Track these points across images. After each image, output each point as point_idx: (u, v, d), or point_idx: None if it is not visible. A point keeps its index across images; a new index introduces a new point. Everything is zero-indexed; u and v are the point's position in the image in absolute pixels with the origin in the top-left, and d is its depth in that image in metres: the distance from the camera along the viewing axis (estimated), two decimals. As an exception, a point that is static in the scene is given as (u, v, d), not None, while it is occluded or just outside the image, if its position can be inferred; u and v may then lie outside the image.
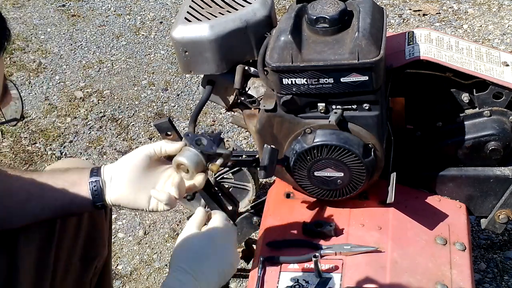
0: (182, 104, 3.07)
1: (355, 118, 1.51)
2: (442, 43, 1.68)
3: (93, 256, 1.46)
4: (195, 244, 1.19)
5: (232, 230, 1.24)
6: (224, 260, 1.18)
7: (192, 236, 1.20)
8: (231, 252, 1.20)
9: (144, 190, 1.30)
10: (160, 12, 3.78)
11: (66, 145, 2.90)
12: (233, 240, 1.23)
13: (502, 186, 1.66)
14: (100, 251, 1.48)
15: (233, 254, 1.20)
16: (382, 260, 1.50)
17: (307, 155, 1.52)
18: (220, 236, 1.20)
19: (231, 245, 1.21)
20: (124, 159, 1.33)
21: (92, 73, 3.35)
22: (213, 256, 1.17)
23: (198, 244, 1.19)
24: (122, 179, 1.30)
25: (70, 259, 1.40)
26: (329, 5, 1.50)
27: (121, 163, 1.32)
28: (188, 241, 1.20)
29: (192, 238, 1.20)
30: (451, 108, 1.67)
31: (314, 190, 1.59)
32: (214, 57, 1.66)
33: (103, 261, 1.52)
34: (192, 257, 1.16)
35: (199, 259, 1.16)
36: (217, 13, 1.70)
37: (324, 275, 1.46)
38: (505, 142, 1.63)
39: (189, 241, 1.20)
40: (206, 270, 1.15)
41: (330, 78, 1.45)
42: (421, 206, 1.67)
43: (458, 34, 3.23)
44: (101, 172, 1.32)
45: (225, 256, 1.19)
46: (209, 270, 1.15)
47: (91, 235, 1.45)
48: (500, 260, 2.16)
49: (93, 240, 1.45)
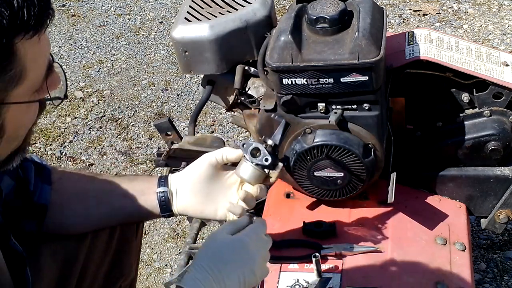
0: (182, 104, 3.07)
1: (355, 118, 1.51)
2: (442, 43, 1.67)
3: (118, 276, 1.45)
4: (223, 246, 1.17)
5: (266, 243, 1.22)
6: (247, 268, 1.16)
7: (223, 238, 1.19)
8: (257, 263, 1.18)
9: (211, 201, 1.32)
10: (160, 12, 3.78)
11: (66, 145, 2.90)
12: (263, 252, 1.20)
13: (502, 186, 1.66)
14: (126, 271, 1.48)
15: (259, 265, 1.18)
16: (382, 260, 1.50)
17: (307, 155, 1.52)
18: (251, 245, 1.18)
19: (259, 256, 1.18)
20: (189, 169, 1.34)
21: (92, 73, 3.35)
22: (237, 262, 1.15)
23: (226, 247, 1.17)
24: (188, 190, 1.33)
25: (97, 274, 1.40)
26: (329, 5, 1.50)
27: (186, 173, 1.34)
28: (217, 242, 1.19)
29: (222, 240, 1.18)
30: (451, 108, 1.67)
31: (314, 190, 1.59)
32: (214, 57, 1.67)
33: (130, 280, 1.51)
34: (216, 258, 1.15)
35: (222, 261, 1.15)
36: (217, 13, 1.70)
37: (324, 275, 1.46)
38: (505, 142, 1.63)
39: (218, 242, 1.19)
40: (226, 274, 1.13)
41: (330, 78, 1.45)
42: (421, 206, 1.66)
43: (458, 34, 3.23)
44: (168, 182, 1.34)
45: (250, 264, 1.16)
46: (229, 275, 1.14)
47: (120, 254, 1.45)
48: (500, 260, 2.16)
49: (120, 259, 1.45)
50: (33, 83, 0.94)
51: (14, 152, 1.01)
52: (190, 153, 1.69)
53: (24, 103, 0.94)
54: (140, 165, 2.74)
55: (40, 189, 1.30)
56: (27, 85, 0.92)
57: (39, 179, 1.31)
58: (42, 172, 1.32)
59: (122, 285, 1.48)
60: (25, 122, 0.99)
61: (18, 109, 0.94)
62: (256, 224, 1.23)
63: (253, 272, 1.16)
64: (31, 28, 0.88)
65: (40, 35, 0.90)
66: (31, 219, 1.30)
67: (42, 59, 0.94)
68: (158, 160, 1.77)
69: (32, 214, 1.29)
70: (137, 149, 2.84)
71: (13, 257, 1.15)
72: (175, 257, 2.34)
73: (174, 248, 2.38)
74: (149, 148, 2.83)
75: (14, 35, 0.86)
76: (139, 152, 2.82)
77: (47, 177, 1.32)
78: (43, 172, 1.32)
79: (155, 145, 2.84)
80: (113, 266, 1.44)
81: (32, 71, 0.92)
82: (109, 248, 1.42)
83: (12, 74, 0.89)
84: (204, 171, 1.32)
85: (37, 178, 1.30)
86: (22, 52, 0.88)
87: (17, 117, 0.95)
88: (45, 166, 1.34)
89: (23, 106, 0.94)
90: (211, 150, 1.63)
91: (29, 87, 0.93)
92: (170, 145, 1.74)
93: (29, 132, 1.02)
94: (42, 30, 0.90)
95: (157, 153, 1.79)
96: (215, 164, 1.32)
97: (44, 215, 1.30)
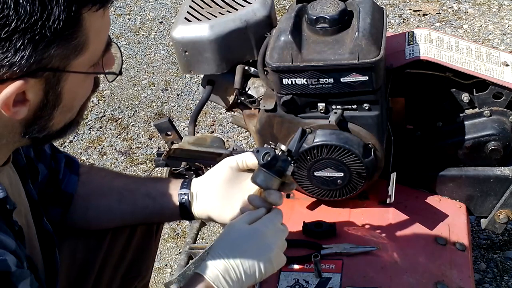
0: (182, 104, 3.07)
1: (355, 118, 1.51)
2: (442, 43, 1.68)
3: (134, 276, 1.47)
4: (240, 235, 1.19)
5: (282, 232, 1.23)
6: (265, 256, 1.18)
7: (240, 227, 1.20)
8: (274, 251, 1.19)
9: (229, 205, 1.32)
10: (160, 12, 3.78)
11: (66, 145, 2.90)
12: (280, 241, 1.21)
13: (502, 186, 1.66)
14: (141, 272, 1.49)
15: (276, 254, 1.19)
16: (382, 260, 1.50)
17: (307, 155, 1.52)
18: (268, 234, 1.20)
19: (276, 245, 1.20)
20: (211, 172, 1.36)
21: (92, 73, 3.35)
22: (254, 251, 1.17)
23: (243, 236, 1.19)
24: (208, 193, 1.34)
25: (115, 273, 1.42)
26: (329, 5, 1.50)
27: (207, 177, 1.35)
28: (235, 231, 1.20)
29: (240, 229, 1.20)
30: (451, 108, 1.67)
31: (314, 190, 1.59)
32: (214, 57, 1.67)
33: (145, 283, 1.53)
34: (234, 247, 1.17)
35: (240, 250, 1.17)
36: (217, 13, 1.70)
37: (324, 275, 1.46)
38: (505, 142, 1.63)
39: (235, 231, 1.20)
40: (243, 262, 1.16)
41: (330, 78, 1.45)
42: (421, 206, 1.67)
43: (458, 34, 3.23)
44: (191, 185, 1.35)
45: (267, 253, 1.18)
46: (247, 263, 1.16)
47: (137, 255, 1.46)
48: (500, 260, 2.16)
49: (138, 259, 1.47)
50: (92, 57, 0.96)
51: (68, 125, 1.04)
52: (190, 153, 1.69)
53: (83, 73, 0.96)
54: (140, 165, 2.74)
55: (68, 178, 1.33)
56: (87, 57, 0.95)
57: (68, 169, 1.34)
58: (72, 164, 1.35)
59: (137, 286, 1.49)
60: (81, 94, 1.02)
61: (76, 79, 0.96)
62: (273, 214, 1.24)
63: (270, 261, 1.18)
64: (98, 1, 0.92)
65: (105, 9, 0.94)
66: (57, 207, 1.32)
67: (103, 34, 0.98)
68: (158, 160, 1.77)
69: (59, 202, 1.32)
70: (137, 149, 2.84)
71: (45, 237, 1.18)
72: (175, 257, 2.34)
73: (174, 248, 2.38)
74: (149, 148, 2.83)
75: (83, 4, 0.90)
76: (139, 152, 2.82)
77: (75, 168, 1.36)
78: (72, 164, 1.36)
79: (155, 145, 2.84)
80: (131, 266, 1.45)
81: (93, 44, 0.95)
82: (128, 248, 1.44)
83: (76, 43, 0.92)
84: (225, 174, 1.33)
85: (66, 168, 1.34)
86: (88, 23, 0.92)
87: (74, 88, 0.98)
88: (74, 159, 1.37)
89: (80, 77, 0.97)
90: (211, 150, 1.63)
91: (88, 60, 0.96)
92: (170, 145, 1.74)
93: (83, 106, 1.05)
94: (107, 5, 0.94)
95: (157, 153, 1.79)
96: (235, 168, 1.32)
97: (69, 204, 1.33)
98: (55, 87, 0.95)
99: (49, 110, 0.97)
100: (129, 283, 1.46)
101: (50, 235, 1.20)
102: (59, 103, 0.97)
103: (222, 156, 1.59)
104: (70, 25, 0.89)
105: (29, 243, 1.11)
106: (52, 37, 0.88)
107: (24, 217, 1.12)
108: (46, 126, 1.00)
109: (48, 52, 0.90)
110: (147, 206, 1.37)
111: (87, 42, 0.93)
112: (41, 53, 0.89)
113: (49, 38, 0.88)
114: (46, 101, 0.95)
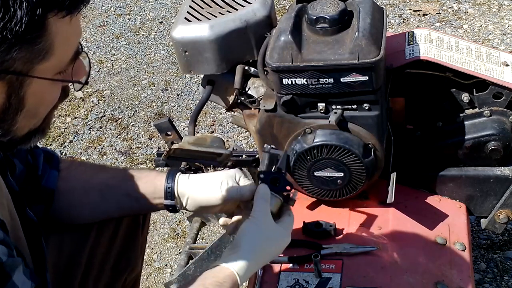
0: (182, 104, 3.07)
1: (355, 118, 1.51)
2: (442, 43, 1.67)
3: (124, 267, 1.47)
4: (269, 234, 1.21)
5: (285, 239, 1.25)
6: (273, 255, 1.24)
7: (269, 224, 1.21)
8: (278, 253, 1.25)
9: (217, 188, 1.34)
10: (160, 12, 3.78)
11: (66, 145, 2.90)
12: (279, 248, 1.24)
13: (502, 186, 1.66)
14: (131, 263, 1.49)
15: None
16: (382, 260, 1.50)
17: (307, 155, 1.52)
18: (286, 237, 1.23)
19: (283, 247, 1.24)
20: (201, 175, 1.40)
21: (92, 73, 3.35)
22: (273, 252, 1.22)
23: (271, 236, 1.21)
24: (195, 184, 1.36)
25: (103, 265, 1.42)
26: (329, 5, 1.50)
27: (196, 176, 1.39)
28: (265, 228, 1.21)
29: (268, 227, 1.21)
30: (451, 108, 1.67)
31: (314, 190, 1.59)
32: (214, 57, 1.66)
33: (135, 275, 1.53)
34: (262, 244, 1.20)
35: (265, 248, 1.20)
36: (217, 13, 1.70)
37: (324, 275, 1.46)
38: (505, 142, 1.63)
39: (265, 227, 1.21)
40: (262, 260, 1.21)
41: (330, 78, 1.45)
42: (421, 206, 1.67)
43: (458, 34, 3.23)
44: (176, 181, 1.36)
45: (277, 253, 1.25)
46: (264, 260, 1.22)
47: (125, 247, 1.47)
48: (500, 260, 2.16)
49: (126, 251, 1.47)
50: (59, 63, 0.96)
51: (33, 131, 1.03)
52: (190, 153, 1.68)
53: (47, 79, 0.96)
54: (140, 165, 2.74)
55: (48, 174, 1.33)
56: (52, 64, 0.95)
57: (48, 165, 1.34)
58: (51, 159, 1.35)
59: (127, 278, 1.49)
60: (46, 101, 1.01)
61: (41, 85, 0.96)
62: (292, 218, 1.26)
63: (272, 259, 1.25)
64: (64, 8, 0.91)
65: (72, 16, 0.94)
66: (40, 203, 1.32)
67: (71, 42, 0.97)
68: (158, 160, 1.76)
69: (40, 198, 1.32)
70: (137, 149, 2.84)
71: (29, 226, 1.18)
72: (175, 257, 2.34)
73: (174, 248, 2.38)
74: (149, 148, 2.83)
75: (48, 9, 0.90)
76: (139, 152, 2.82)
77: (55, 163, 1.35)
78: (52, 158, 1.36)
79: (155, 145, 2.84)
80: (119, 257, 1.45)
81: (60, 51, 0.94)
82: (115, 239, 1.44)
83: (40, 47, 0.92)
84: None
85: (45, 164, 1.33)
86: (53, 29, 0.91)
87: (38, 93, 0.97)
88: (54, 154, 1.37)
89: (46, 83, 0.96)
90: (211, 150, 1.63)
91: (54, 66, 0.96)
92: (170, 145, 1.74)
93: (49, 114, 1.04)
94: (75, 12, 0.93)
95: (157, 153, 1.79)
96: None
97: (51, 200, 1.33)
98: (18, 91, 0.94)
99: (11, 114, 0.97)
100: (119, 275, 1.46)
101: (35, 223, 1.20)
102: (22, 108, 0.97)
103: (222, 156, 1.59)
104: (34, 29, 0.89)
105: (14, 234, 1.11)
106: (14, 40, 0.88)
107: (7, 209, 1.12)
108: (10, 130, 0.99)
109: (10, 55, 0.89)
110: (131, 206, 1.38)
111: (52, 47, 0.93)
112: (2, 55, 0.89)
113: (11, 41, 0.88)
114: (9, 104, 0.95)
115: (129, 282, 1.51)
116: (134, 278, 1.54)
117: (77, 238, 1.38)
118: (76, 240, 1.37)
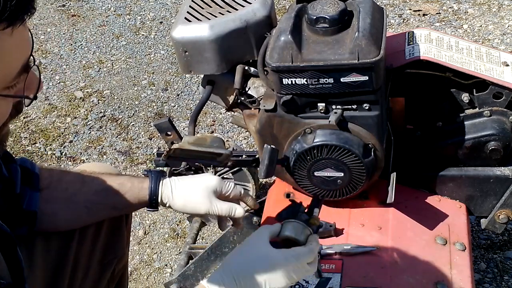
0: (182, 104, 3.07)
1: (355, 118, 1.51)
2: (442, 43, 1.67)
3: (111, 259, 1.49)
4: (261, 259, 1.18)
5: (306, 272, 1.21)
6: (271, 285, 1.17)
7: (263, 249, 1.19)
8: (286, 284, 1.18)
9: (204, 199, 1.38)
10: (160, 12, 3.78)
11: (66, 145, 2.90)
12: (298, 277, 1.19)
13: (502, 186, 1.66)
14: (117, 253, 1.51)
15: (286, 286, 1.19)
16: (382, 260, 1.50)
17: (307, 155, 1.52)
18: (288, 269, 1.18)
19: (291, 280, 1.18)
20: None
21: (92, 73, 3.35)
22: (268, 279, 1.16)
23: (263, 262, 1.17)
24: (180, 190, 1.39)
25: (90, 262, 1.43)
26: (329, 5, 1.50)
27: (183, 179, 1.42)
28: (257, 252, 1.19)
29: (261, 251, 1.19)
30: (451, 108, 1.67)
31: (314, 190, 1.59)
32: (214, 57, 1.66)
33: (123, 265, 1.55)
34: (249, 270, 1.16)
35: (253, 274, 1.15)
36: (217, 13, 1.70)
37: (324, 275, 1.46)
38: (505, 142, 1.63)
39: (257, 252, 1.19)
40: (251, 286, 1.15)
41: (330, 78, 1.45)
42: (421, 206, 1.66)
43: (458, 34, 3.23)
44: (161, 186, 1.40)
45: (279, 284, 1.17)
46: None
47: (110, 239, 1.48)
48: (500, 260, 2.16)
49: (111, 244, 1.49)
50: (3, 78, 0.90)
51: None
52: (190, 153, 1.68)
53: None
54: (140, 165, 2.74)
55: (30, 196, 1.32)
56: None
57: (28, 187, 1.31)
58: (31, 179, 1.33)
59: (116, 268, 1.51)
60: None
61: None
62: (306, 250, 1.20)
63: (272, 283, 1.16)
64: (3, 19, 0.84)
65: (14, 28, 0.87)
66: (23, 225, 1.32)
67: (14, 54, 0.90)
68: (158, 160, 1.77)
69: (23, 221, 1.31)
70: (137, 149, 2.84)
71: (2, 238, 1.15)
72: (175, 257, 2.34)
73: (174, 248, 2.38)
74: (149, 148, 2.83)
75: None
76: (139, 152, 2.82)
77: (35, 183, 1.33)
78: (31, 179, 1.33)
79: (155, 145, 2.84)
80: (105, 249, 1.47)
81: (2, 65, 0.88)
82: (100, 232, 1.46)
83: None
84: None
85: (25, 186, 1.31)
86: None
87: None
88: (33, 173, 1.34)
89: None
90: (211, 150, 1.63)
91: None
92: (170, 145, 1.74)
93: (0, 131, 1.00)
94: (16, 23, 0.87)
95: (157, 153, 1.79)
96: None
97: (34, 220, 1.32)
98: None
99: None
100: (107, 267, 1.48)
101: (8, 235, 1.16)
102: None
103: (222, 156, 1.59)
104: None
105: None
106: None
107: None
108: None
109: None
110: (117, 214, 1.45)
111: None
112: None
113: None
114: None
115: (118, 272, 1.53)
116: (123, 269, 1.55)
117: (63, 236, 1.39)
118: (63, 237, 1.38)
